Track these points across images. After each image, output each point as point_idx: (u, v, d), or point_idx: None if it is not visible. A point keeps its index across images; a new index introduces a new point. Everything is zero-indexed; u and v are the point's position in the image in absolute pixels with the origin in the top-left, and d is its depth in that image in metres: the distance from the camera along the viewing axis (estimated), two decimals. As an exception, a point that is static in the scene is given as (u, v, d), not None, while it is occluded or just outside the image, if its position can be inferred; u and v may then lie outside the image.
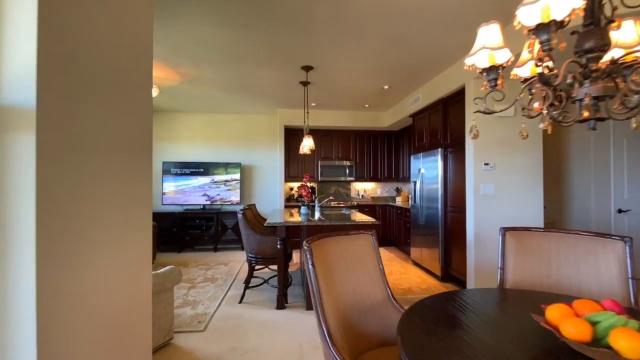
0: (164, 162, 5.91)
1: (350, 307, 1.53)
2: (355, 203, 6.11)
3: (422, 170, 4.50)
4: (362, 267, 1.67)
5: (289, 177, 6.16)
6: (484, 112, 1.22)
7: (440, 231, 4.02)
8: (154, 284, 2.27)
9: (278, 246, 3.18)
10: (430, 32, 2.89)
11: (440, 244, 4.01)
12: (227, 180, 6.03)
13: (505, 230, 1.93)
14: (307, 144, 3.69)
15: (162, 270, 2.39)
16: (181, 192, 5.91)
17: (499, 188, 3.34)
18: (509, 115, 3.34)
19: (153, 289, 2.28)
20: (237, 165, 6.07)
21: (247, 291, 3.53)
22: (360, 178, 6.34)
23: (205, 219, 5.85)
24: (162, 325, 2.39)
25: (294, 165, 6.22)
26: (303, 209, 3.84)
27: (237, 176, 6.05)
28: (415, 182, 4.74)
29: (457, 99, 3.75)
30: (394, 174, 6.43)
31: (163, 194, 5.86)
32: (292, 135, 6.17)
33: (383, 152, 6.42)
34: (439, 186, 4.04)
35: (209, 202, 5.96)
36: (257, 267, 3.52)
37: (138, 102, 1.39)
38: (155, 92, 3.87)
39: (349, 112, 6.01)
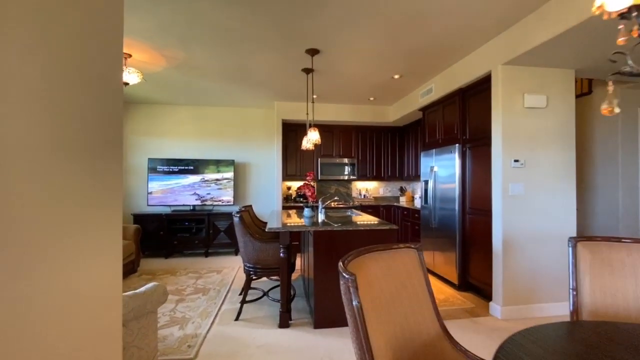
0: (149, 159, 5.39)
1: (399, 351, 1.12)
2: (358, 203, 5.71)
3: (436, 169, 4.12)
4: (409, 293, 1.26)
5: (286, 176, 5.72)
6: (630, 74, 0.81)
7: (458, 235, 3.65)
8: (133, 308, 1.82)
9: (281, 255, 2.75)
10: (463, 4, 2.49)
11: (458, 250, 3.64)
12: (219, 179, 5.56)
13: (576, 240, 1.54)
14: (312, 138, 3.27)
15: (143, 289, 1.94)
16: (170, 192, 5.41)
17: (530, 188, 2.98)
18: (539, 107, 2.98)
19: (132, 314, 1.82)
20: (231, 162, 5.59)
21: (245, 305, 3.09)
22: (362, 177, 5.94)
23: (196, 221, 5.37)
24: (142, 356, 1.93)
25: (291, 162, 5.79)
26: (307, 211, 3.42)
27: (231, 174, 5.58)
28: (426, 181, 4.36)
29: (479, 88, 3.38)
30: (398, 172, 6.05)
31: (149, 193, 5.35)
32: (290, 131, 5.74)
33: (387, 149, 6.04)
34: (456, 186, 3.67)
35: (199, 203, 5.48)
36: (254, 277, 3.09)
37: (96, 81, 0.94)
38: (137, 78, 3.38)
39: (352, 105, 5.60)
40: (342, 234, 2.74)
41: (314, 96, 5.03)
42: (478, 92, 3.40)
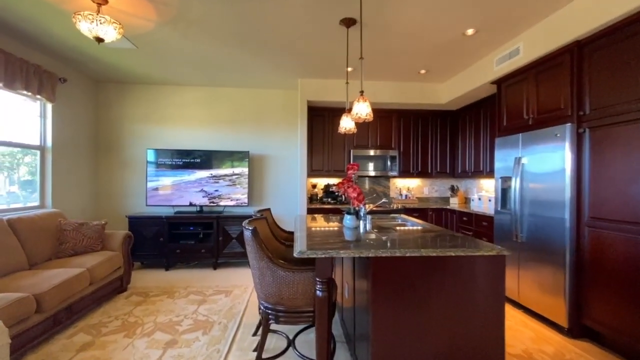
0: (149, 151, 4.48)
1: None
2: (400, 205, 4.61)
3: (524, 161, 2.97)
4: None
5: (311, 171, 4.69)
6: None
7: (568, 255, 2.50)
8: None
9: (318, 293, 1.72)
10: None
11: (568, 276, 2.50)
12: (230, 175, 4.59)
13: None
14: (360, 111, 2.19)
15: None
16: (175, 188, 4.49)
17: None
18: None
19: None
20: (245, 154, 4.61)
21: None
22: (404, 173, 4.83)
23: (202, 226, 4.43)
24: None
25: (317, 155, 4.75)
26: (349, 220, 2.37)
27: (244, 169, 4.60)
28: (505, 178, 3.22)
29: (619, 35, 2.21)
30: (448, 167, 4.91)
31: (151, 191, 4.44)
32: (316, 116, 4.70)
33: (435, 138, 4.90)
34: (566, 184, 2.52)
35: (207, 202, 4.54)
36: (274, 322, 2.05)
37: None
38: (115, 33, 2.43)
39: (395, 83, 4.48)
40: (419, 263, 1.67)
41: (349, 69, 3.95)
42: (615, 41, 2.23)
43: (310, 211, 4.42)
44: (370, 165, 4.72)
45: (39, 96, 3.48)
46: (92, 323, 2.69)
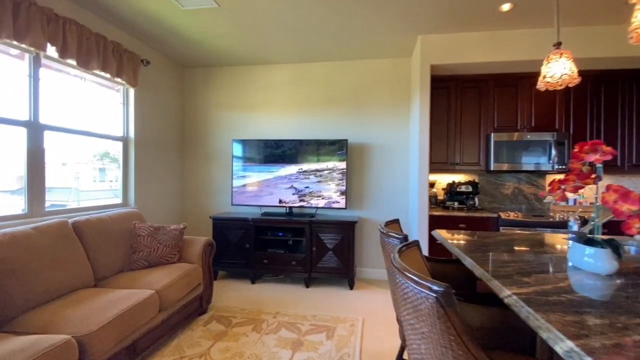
0: (235, 142, 3.85)
1: None
2: (565, 216, 3.08)
3: None
4: None
5: (430, 164, 3.47)
6: None
7: None
8: None
9: None
10: None
11: None
12: (321, 170, 3.68)
13: None
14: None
15: None
16: (264, 184, 3.78)
17: None
18: None
19: None
20: (342, 144, 3.64)
21: None
22: (577, 166, 3.25)
23: (292, 232, 3.61)
24: None
25: (437, 143, 3.51)
26: (598, 259, 1.15)
27: (339, 163, 3.63)
28: None
29: None
30: (654, 157, 3.16)
31: (236, 187, 3.82)
32: (437, 88, 3.46)
33: (628, 112, 3.20)
34: None
35: (297, 201, 3.70)
36: None
37: None
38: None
39: (572, 29, 2.95)
40: None
41: (505, 6, 2.62)
42: None
43: (433, 220, 3.21)
44: (520, 156, 3.28)
45: (118, 79, 3.04)
46: (160, 366, 2.02)
